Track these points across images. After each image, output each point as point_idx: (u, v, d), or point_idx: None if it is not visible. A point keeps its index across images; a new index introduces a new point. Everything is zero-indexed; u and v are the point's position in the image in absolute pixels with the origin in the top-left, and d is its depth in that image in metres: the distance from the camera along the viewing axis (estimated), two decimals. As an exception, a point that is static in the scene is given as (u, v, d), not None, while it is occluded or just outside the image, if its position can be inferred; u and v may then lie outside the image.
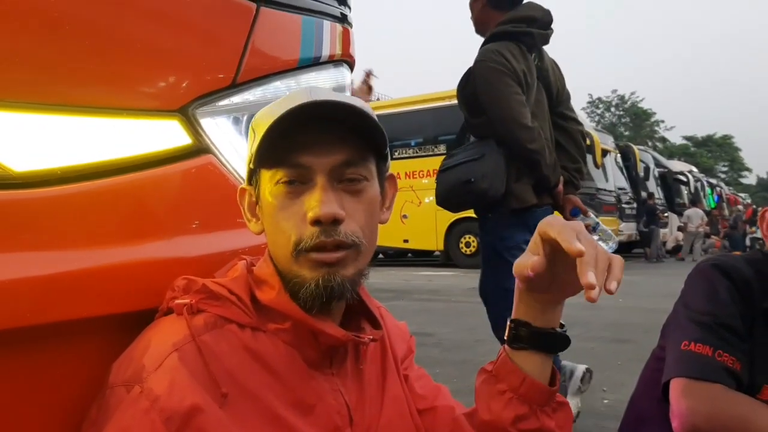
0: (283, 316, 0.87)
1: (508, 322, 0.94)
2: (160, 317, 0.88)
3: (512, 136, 2.47)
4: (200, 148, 1.03)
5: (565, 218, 2.60)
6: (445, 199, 2.66)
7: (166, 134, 0.99)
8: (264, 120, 0.86)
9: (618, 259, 0.82)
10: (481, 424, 0.96)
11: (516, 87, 2.48)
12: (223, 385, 0.79)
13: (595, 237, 2.90)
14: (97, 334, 0.89)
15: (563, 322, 0.95)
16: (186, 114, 1.01)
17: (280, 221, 0.86)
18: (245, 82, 1.10)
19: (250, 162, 0.91)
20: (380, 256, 16.11)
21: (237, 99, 1.09)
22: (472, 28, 2.83)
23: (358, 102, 0.88)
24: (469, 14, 2.79)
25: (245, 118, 1.11)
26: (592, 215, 2.83)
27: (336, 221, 0.84)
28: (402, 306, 7.20)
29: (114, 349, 0.85)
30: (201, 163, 1.03)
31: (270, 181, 0.88)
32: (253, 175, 0.92)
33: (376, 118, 0.88)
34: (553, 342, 0.93)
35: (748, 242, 20.51)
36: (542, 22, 2.62)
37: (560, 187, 2.65)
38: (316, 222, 0.83)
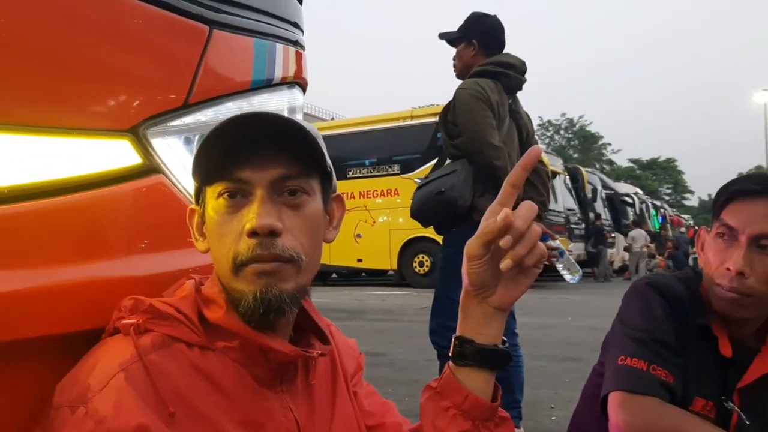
0: (232, 334, 0.88)
1: (453, 339, 0.96)
2: (107, 337, 0.87)
3: (480, 152, 2.69)
4: (151, 168, 1.03)
5: None
6: (417, 212, 2.89)
7: (116, 154, 0.99)
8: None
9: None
10: None
11: (489, 112, 2.72)
12: (170, 405, 0.79)
13: (559, 265, 2.97)
14: (41, 354, 0.88)
15: (505, 339, 0.98)
16: (137, 134, 1.01)
17: (222, 236, 0.87)
18: (197, 103, 1.11)
19: (192, 177, 0.92)
20: (333, 275, 16.04)
21: (189, 119, 1.10)
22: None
23: (297, 119, 0.90)
24: (454, 62, 3.04)
25: (197, 138, 1.11)
26: (559, 243, 2.94)
27: (273, 233, 0.84)
28: (355, 326, 7.18)
29: (58, 369, 0.84)
30: (151, 183, 1.03)
31: (212, 196, 0.88)
32: (199, 195, 0.93)
33: (318, 136, 0.90)
34: (495, 358, 0.95)
35: (690, 262, 21.13)
36: (518, 69, 2.93)
37: None
38: (252, 234, 0.84)
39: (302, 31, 1.46)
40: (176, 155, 1.08)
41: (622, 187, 26.23)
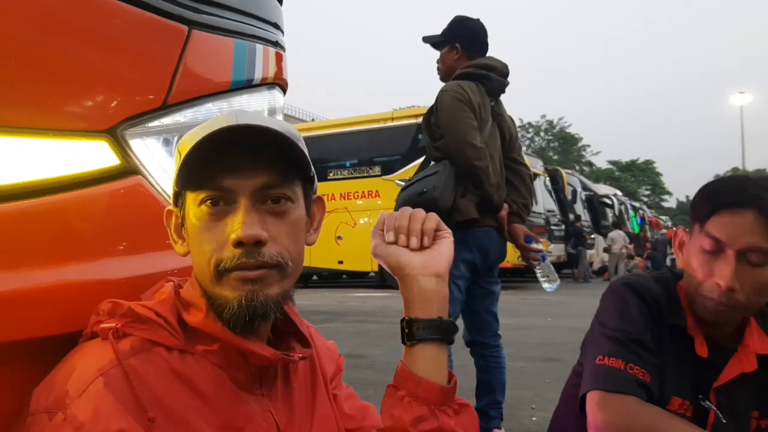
0: (212, 338, 0.87)
1: (400, 323, 1.00)
2: (84, 342, 0.86)
3: (461, 153, 2.71)
4: (129, 169, 1.02)
5: (520, 245, 2.87)
6: None
7: (93, 155, 0.98)
8: (188, 142, 0.87)
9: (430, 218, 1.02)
10: (384, 430, 0.98)
11: (470, 113, 2.74)
12: (150, 410, 0.78)
13: (539, 271, 2.99)
14: (17, 359, 0.87)
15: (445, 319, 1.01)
16: (115, 135, 1.00)
17: (203, 243, 0.87)
18: (176, 104, 1.10)
19: (174, 184, 0.91)
20: (314, 277, 16.00)
21: (167, 120, 1.09)
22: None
23: (282, 126, 0.90)
24: (438, 65, 3.06)
25: (176, 139, 1.10)
26: (542, 247, 2.98)
27: (259, 243, 0.85)
28: (336, 328, 7.18)
29: (34, 375, 0.83)
30: (129, 184, 1.02)
31: (194, 202, 0.88)
32: (179, 197, 0.92)
33: (300, 140, 0.90)
34: (441, 329, 0.98)
35: (668, 262, 21.38)
36: (500, 72, 2.96)
37: (504, 213, 2.85)
38: (238, 244, 0.84)
39: (282, 31, 1.46)
40: (155, 156, 1.07)
41: (602, 189, 26.49)
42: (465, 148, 2.69)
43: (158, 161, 1.07)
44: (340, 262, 13.81)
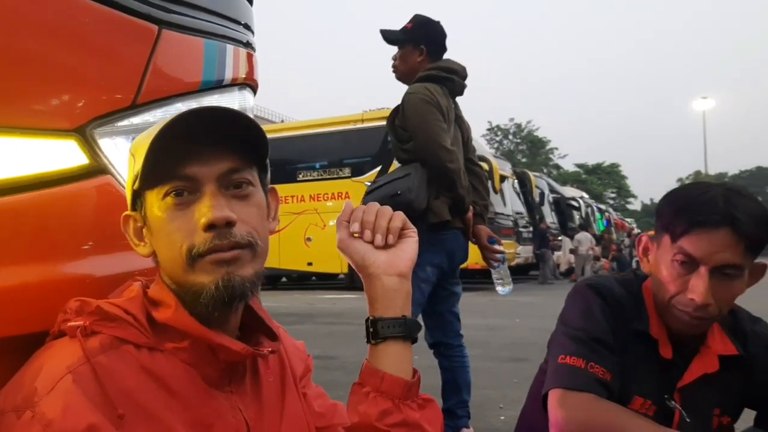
0: (182, 334, 0.87)
1: (365, 323, 1.02)
2: (51, 340, 0.86)
3: (434, 156, 2.72)
4: (98, 169, 1.02)
5: (483, 245, 2.91)
6: None
7: (62, 154, 0.97)
8: (142, 143, 0.87)
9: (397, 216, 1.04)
10: (351, 427, 1.00)
11: (439, 116, 2.76)
12: (119, 407, 0.78)
13: (495, 274, 3.03)
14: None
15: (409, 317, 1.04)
16: (84, 134, 0.99)
17: (172, 233, 0.87)
18: (146, 103, 1.10)
19: (133, 184, 0.91)
20: (283, 279, 15.92)
21: (137, 120, 1.09)
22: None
23: (241, 112, 0.91)
24: (395, 63, 3.05)
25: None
26: (504, 249, 3.03)
27: (229, 224, 0.86)
28: (306, 330, 7.16)
29: (2, 375, 0.82)
30: (98, 184, 1.01)
31: (157, 197, 0.88)
32: (136, 199, 0.92)
33: (259, 125, 0.91)
34: (405, 327, 1.01)
35: (634, 264, 21.74)
36: (461, 75, 2.99)
37: (470, 215, 2.89)
38: (209, 227, 0.85)
39: (253, 32, 1.46)
40: (124, 156, 1.06)
41: (569, 191, 26.83)
42: (437, 150, 2.70)
43: (127, 161, 1.06)
44: (310, 264, 13.77)
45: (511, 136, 60.33)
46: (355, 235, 1.02)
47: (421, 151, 2.76)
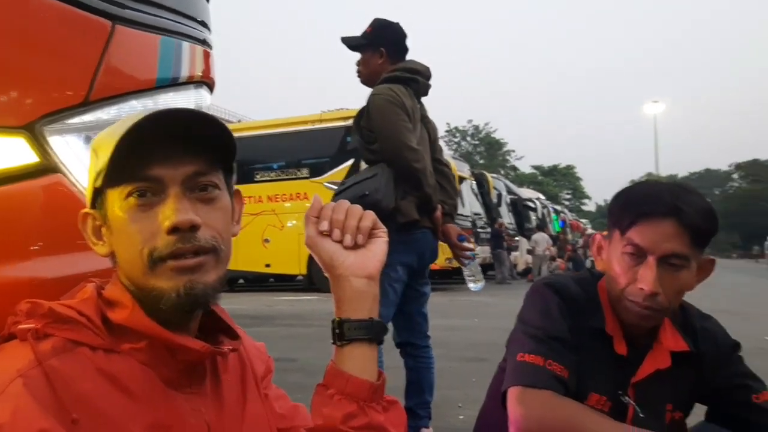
0: (138, 334, 0.85)
1: (332, 324, 1.01)
2: (1, 344, 0.83)
3: (400, 156, 2.73)
4: (48, 167, 0.99)
5: (453, 243, 2.92)
6: None
7: (10, 151, 0.94)
8: (106, 140, 0.85)
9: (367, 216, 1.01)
10: (314, 429, 0.98)
11: (404, 116, 2.77)
12: (73, 411, 0.76)
13: (466, 271, 3.05)
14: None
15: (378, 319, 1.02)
16: (33, 131, 0.97)
17: (133, 234, 0.85)
18: (98, 101, 1.07)
19: (94, 182, 0.88)
20: (241, 281, 15.75)
21: (89, 117, 1.06)
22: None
23: (209, 114, 0.89)
24: (359, 68, 3.06)
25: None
26: (473, 247, 3.05)
27: (193, 227, 0.84)
28: (264, 332, 7.08)
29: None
30: (48, 183, 0.99)
31: (119, 197, 0.86)
32: (97, 197, 0.90)
33: (227, 128, 0.90)
34: (371, 330, 1.00)
35: (589, 264, 22.17)
36: (424, 75, 3.01)
37: (438, 213, 2.90)
38: (173, 230, 0.83)
39: (209, 29, 1.44)
40: (76, 154, 1.03)
41: (525, 193, 27.20)
42: (403, 150, 2.72)
43: (79, 159, 1.03)
44: (268, 266, 13.64)
45: (469, 138, 60.97)
46: (324, 233, 1.00)
47: (387, 152, 2.77)
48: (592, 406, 1.40)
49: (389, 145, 2.75)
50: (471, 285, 3.11)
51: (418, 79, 2.95)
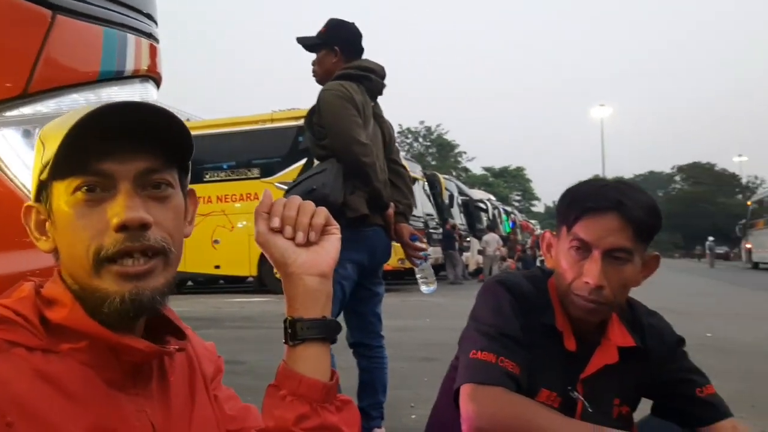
0: (78, 334, 0.82)
1: (283, 323, 0.98)
2: None
3: (348, 150, 2.73)
4: (-18, 161, 0.94)
5: (406, 243, 2.91)
6: None
7: (-60, 144, 0.89)
8: (55, 130, 0.81)
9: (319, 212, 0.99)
10: (266, 430, 0.96)
11: (354, 111, 2.77)
12: (8, 414, 0.73)
13: (419, 274, 3.04)
14: None
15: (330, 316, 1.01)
16: (-34, 123, 0.92)
17: (79, 231, 0.81)
18: (37, 93, 1.03)
19: (40, 174, 0.84)
20: (189, 283, 15.48)
21: (27, 110, 1.02)
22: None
23: (166, 109, 0.86)
24: (315, 68, 3.05)
25: (37, 130, 1.03)
26: (426, 247, 3.04)
27: (143, 226, 0.81)
28: (212, 334, 6.96)
29: None
30: (-17, 178, 0.94)
31: (66, 191, 0.82)
32: (42, 190, 0.86)
33: (185, 125, 0.87)
34: (325, 329, 0.98)
35: (538, 263, 22.56)
36: (378, 74, 3.02)
37: (391, 211, 2.90)
38: (121, 228, 0.80)
39: (156, 23, 1.40)
40: (13, 148, 0.99)
41: (477, 194, 27.52)
42: (352, 144, 2.71)
43: (17, 153, 0.99)
44: (217, 267, 13.44)
45: (421, 139, 61.33)
46: (275, 229, 0.97)
47: (336, 146, 2.77)
48: (543, 402, 1.42)
49: (338, 140, 2.75)
50: (423, 288, 3.10)
51: (371, 77, 2.95)
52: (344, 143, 2.73)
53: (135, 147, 0.83)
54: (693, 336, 3.28)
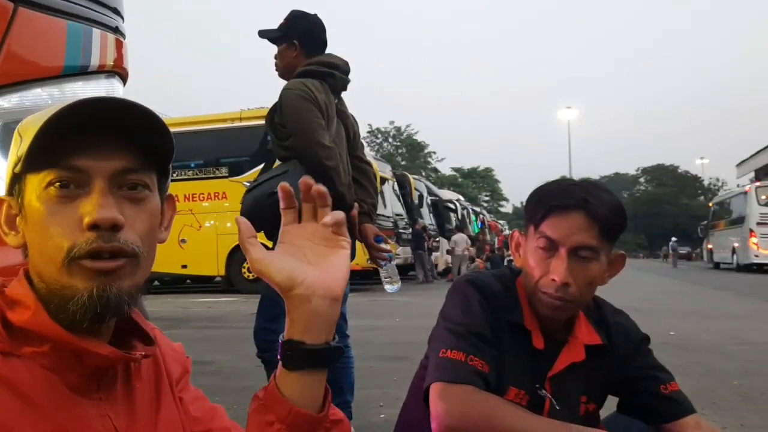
0: (41, 338, 0.80)
1: (281, 344, 0.90)
2: None
3: (311, 153, 2.67)
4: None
5: (370, 244, 2.87)
6: (250, 215, 2.70)
7: None
8: (34, 123, 0.79)
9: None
10: None
11: (317, 112, 2.71)
12: None
13: (383, 273, 3.03)
14: None
15: (335, 335, 0.94)
16: (-77, 118, 0.89)
17: (50, 227, 0.79)
18: (-1, 87, 1.00)
19: (14, 167, 0.82)
20: (156, 282, 15.27)
21: (-12, 105, 0.99)
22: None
23: (150, 110, 0.84)
24: (276, 62, 3.00)
25: (0, 125, 1.00)
26: (390, 248, 3.03)
27: (115, 227, 0.79)
28: (179, 334, 6.88)
29: None
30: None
31: (39, 185, 0.80)
32: (15, 184, 0.83)
33: (167, 127, 0.84)
34: (327, 356, 0.91)
35: (506, 263, 22.76)
36: (342, 70, 2.94)
37: (355, 212, 2.85)
38: (93, 227, 0.77)
39: (123, 17, 1.37)
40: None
41: (446, 194, 27.69)
42: (315, 147, 2.66)
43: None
44: (184, 267, 13.29)
45: (391, 139, 61.40)
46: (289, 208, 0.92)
47: (299, 149, 2.72)
48: (512, 400, 1.43)
49: (301, 143, 2.70)
50: (387, 287, 3.10)
51: (334, 74, 2.89)
52: (307, 146, 2.67)
53: (113, 145, 0.81)
54: (657, 334, 3.34)
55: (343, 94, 3.04)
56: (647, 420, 1.52)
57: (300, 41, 2.91)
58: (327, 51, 3.00)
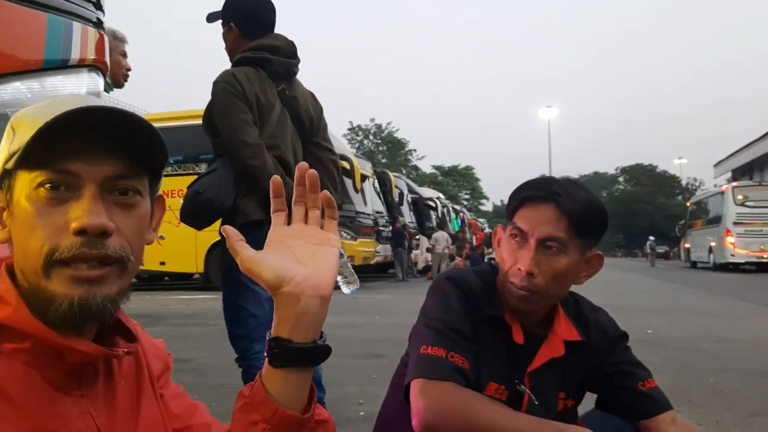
0: (21, 334, 0.79)
1: (268, 341, 0.90)
2: None
3: (235, 151, 2.55)
4: None
5: None
6: (184, 215, 2.64)
7: None
8: (30, 119, 0.79)
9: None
10: None
11: (242, 107, 2.56)
12: None
13: (339, 277, 2.90)
14: None
15: (324, 331, 0.93)
16: None
17: (36, 228, 0.78)
18: (-23, 80, 0.98)
19: (5, 162, 0.81)
20: (134, 279, 15.11)
21: (-34, 98, 0.97)
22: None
23: (143, 119, 0.84)
24: (224, 45, 2.84)
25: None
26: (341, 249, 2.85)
27: (104, 233, 0.78)
28: (157, 332, 6.83)
29: None
30: None
31: (30, 184, 0.79)
32: (5, 178, 0.83)
33: (160, 135, 0.84)
34: (314, 355, 0.91)
35: (486, 261, 22.88)
36: (286, 52, 2.75)
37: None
38: (80, 232, 0.77)
39: (103, 11, 1.36)
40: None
41: (426, 192, 27.73)
42: (238, 145, 2.53)
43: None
44: (162, 263, 13.15)
45: (371, 137, 61.33)
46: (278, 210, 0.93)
47: (225, 145, 2.60)
48: (491, 396, 1.44)
49: (226, 140, 2.58)
50: (344, 288, 2.84)
51: (270, 59, 2.68)
52: (231, 144, 2.55)
53: (107, 151, 0.80)
54: (634, 332, 3.38)
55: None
56: (624, 416, 1.53)
57: (237, 23, 2.74)
58: (277, 33, 2.80)
